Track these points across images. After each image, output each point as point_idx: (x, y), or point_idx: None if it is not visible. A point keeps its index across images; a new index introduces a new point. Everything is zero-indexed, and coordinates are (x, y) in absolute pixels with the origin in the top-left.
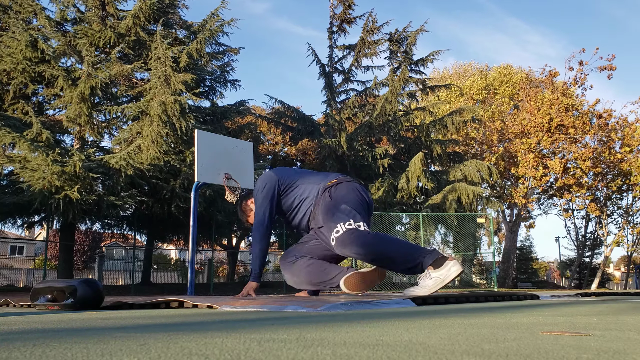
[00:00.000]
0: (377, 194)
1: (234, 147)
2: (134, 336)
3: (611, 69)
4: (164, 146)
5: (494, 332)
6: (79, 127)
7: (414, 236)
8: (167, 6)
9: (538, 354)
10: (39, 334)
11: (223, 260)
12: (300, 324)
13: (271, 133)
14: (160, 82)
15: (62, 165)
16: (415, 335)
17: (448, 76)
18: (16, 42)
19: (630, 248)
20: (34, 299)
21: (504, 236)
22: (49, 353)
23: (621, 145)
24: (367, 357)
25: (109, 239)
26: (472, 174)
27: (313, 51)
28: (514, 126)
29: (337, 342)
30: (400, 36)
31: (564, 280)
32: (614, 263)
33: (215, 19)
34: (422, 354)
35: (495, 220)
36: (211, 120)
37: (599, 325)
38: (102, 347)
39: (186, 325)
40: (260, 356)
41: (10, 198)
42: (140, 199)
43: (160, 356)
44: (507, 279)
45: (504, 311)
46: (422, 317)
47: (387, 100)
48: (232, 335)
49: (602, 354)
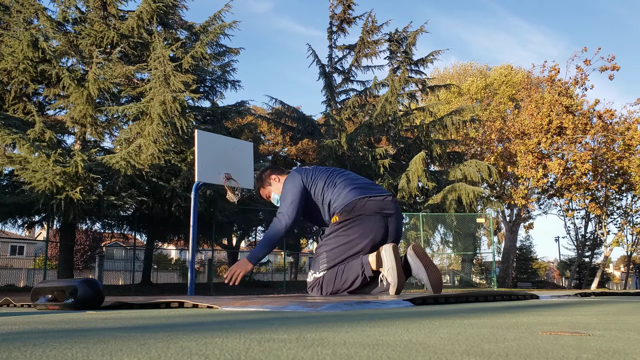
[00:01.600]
0: None
1: (234, 147)
2: (134, 336)
3: (614, 69)
4: (164, 146)
5: (493, 331)
6: (81, 127)
7: (414, 236)
8: (169, 7)
9: (538, 354)
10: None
11: (223, 260)
12: (300, 324)
13: (271, 133)
14: (160, 82)
15: (64, 165)
16: (415, 335)
17: (448, 76)
18: (17, 42)
19: (630, 248)
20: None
21: (503, 236)
22: (49, 353)
23: (620, 145)
24: (367, 357)
25: (109, 238)
26: (472, 173)
27: (313, 51)
28: (513, 126)
29: (337, 342)
30: (400, 36)
31: (564, 280)
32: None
33: (218, 21)
34: (422, 354)
35: (495, 220)
36: (211, 120)
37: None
38: (102, 347)
39: (186, 325)
40: (260, 356)
41: (11, 198)
42: (140, 199)
43: (160, 356)
44: (507, 278)
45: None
46: (422, 317)
47: (387, 100)
48: (232, 335)
49: (602, 354)
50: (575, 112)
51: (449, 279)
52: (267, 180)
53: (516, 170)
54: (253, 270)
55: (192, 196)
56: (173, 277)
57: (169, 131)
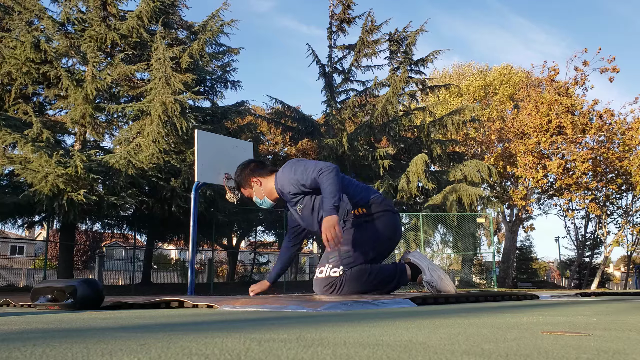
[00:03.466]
0: None
1: (234, 147)
2: (134, 336)
3: (614, 71)
4: (164, 146)
5: (493, 331)
6: (81, 127)
7: (414, 237)
8: (169, 6)
9: (538, 354)
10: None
11: (223, 260)
12: (300, 324)
13: (271, 133)
14: (160, 82)
15: (65, 166)
16: (415, 335)
17: (448, 76)
18: (19, 44)
19: (630, 248)
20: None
21: (503, 236)
22: (49, 353)
23: (619, 144)
24: (367, 357)
25: (109, 238)
26: (472, 174)
27: (313, 51)
28: (513, 126)
29: (337, 342)
30: (400, 36)
31: (564, 280)
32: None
33: (216, 20)
34: (422, 353)
35: (495, 220)
36: (211, 120)
37: (599, 325)
38: (102, 347)
39: (186, 325)
40: (260, 356)
41: (11, 198)
42: (140, 199)
43: (160, 356)
44: (507, 279)
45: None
46: (422, 317)
47: (388, 100)
48: (232, 335)
49: (602, 354)
50: (574, 112)
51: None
52: (248, 182)
53: (516, 170)
54: (253, 270)
55: (192, 196)
56: (173, 277)
57: (169, 131)
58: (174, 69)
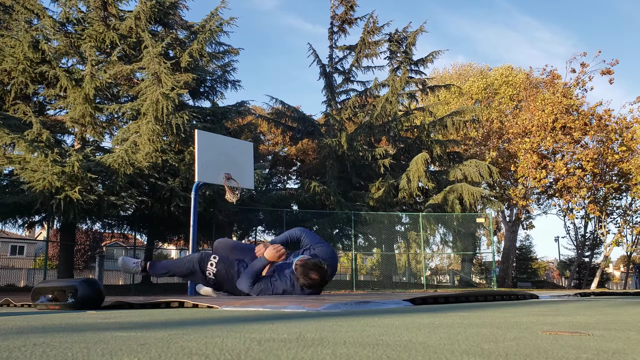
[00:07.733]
0: (377, 194)
1: (234, 147)
2: (134, 336)
3: (609, 73)
4: (160, 144)
5: (493, 331)
6: (81, 127)
7: (415, 236)
8: (168, 7)
9: (538, 354)
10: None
11: None
12: (300, 324)
13: (271, 133)
14: (151, 80)
15: (62, 165)
16: (415, 335)
17: (448, 76)
18: (18, 43)
19: (629, 248)
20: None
21: (503, 236)
22: (49, 353)
23: (619, 145)
24: (367, 357)
25: (109, 238)
26: (472, 173)
27: (314, 51)
28: (513, 127)
29: (337, 342)
30: (400, 36)
31: (564, 280)
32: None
33: (216, 19)
34: (422, 353)
35: (494, 220)
36: (211, 120)
37: (599, 325)
38: (102, 347)
39: (186, 325)
40: (260, 356)
41: (11, 198)
42: (140, 199)
43: (160, 356)
44: (507, 278)
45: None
46: (422, 317)
47: (388, 100)
48: (232, 335)
49: (602, 354)
50: (573, 112)
51: (449, 278)
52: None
53: (516, 169)
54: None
55: (192, 196)
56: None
57: (165, 129)
58: (175, 68)
